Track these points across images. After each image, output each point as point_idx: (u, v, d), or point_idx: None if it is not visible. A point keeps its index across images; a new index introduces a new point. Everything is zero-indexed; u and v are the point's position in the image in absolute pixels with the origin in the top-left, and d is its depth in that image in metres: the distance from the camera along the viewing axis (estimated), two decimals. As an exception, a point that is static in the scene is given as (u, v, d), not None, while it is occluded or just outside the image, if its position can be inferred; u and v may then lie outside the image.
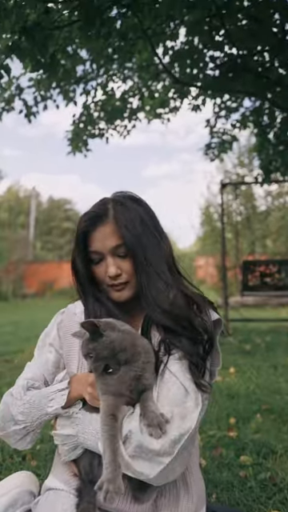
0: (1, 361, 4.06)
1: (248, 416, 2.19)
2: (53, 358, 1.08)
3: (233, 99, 4.76)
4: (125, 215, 0.98)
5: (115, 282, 1.00)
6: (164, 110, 5.06)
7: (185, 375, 0.91)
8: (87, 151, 4.83)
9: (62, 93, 3.89)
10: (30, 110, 3.85)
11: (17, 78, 3.67)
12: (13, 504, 1.09)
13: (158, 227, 1.05)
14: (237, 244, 8.50)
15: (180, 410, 0.87)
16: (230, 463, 1.66)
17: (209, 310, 1.00)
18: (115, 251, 0.99)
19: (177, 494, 0.98)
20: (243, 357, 3.80)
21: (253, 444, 1.82)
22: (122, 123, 4.93)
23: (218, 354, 1.00)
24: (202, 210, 11.65)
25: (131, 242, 0.97)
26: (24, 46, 2.12)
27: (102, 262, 1.00)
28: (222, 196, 6.42)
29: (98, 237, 0.99)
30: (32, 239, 23.25)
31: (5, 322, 7.47)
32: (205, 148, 5.52)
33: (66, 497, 0.98)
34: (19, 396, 1.02)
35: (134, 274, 0.99)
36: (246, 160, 10.92)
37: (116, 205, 1.00)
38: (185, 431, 0.85)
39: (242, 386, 2.78)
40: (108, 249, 0.99)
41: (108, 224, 0.99)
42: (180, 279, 1.04)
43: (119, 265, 0.99)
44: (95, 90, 4.36)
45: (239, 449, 1.78)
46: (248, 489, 1.46)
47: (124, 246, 0.98)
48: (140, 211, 1.02)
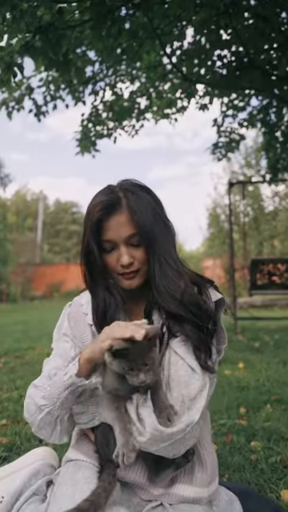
0: (12, 357, 4.12)
1: (258, 406, 2.21)
2: (69, 345, 1.10)
3: (240, 98, 4.81)
4: (137, 204, 0.99)
5: (127, 271, 1.01)
6: (171, 110, 5.12)
7: (191, 357, 0.94)
8: (95, 151, 4.90)
9: (71, 93, 3.97)
10: (40, 110, 3.93)
11: (27, 78, 3.75)
12: (35, 474, 1.13)
13: (165, 214, 1.06)
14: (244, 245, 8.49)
15: (188, 391, 0.90)
16: (241, 448, 1.69)
17: (208, 290, 1.03)
18: (129, 240, 0.99)
19: (191, 467, 1.01)
20: (252, 354, 3.81)
21: (263, 431, 1.85)
22: (129, 123, 5.00)
23: (223, 332, 1.03)
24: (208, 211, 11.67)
25: (145, 231, 0.98)
26: (38, 46, 2.19)
27: (114, 251, 1.01)
28: (230, 195, 6.45)
29: (111, 226, 0.99)
30: (39, 242, 23.43)
31: (15, 322, 7.56)
32: (212, 147, 5.56)
33: (86, 466, 1.01)
34: (42, 384, 1.01)
35: (145, 262, 1.01)
36: (253, 161, 10.93)
37: (127, 193, 1.00)
38: (195, 412, 0.89)
39: (252, 378, 2.80)
40: (122, 238, 0.99)
41: (122, 213, 0.98)
42: (182, 264, 1.06)
43: (132, 253, 1.00)
44: (104, 91, 4.44)
45: (250, 435, 1.81)
46: (259, 470, 1.49)
47: (138, 235, 0.98)
48: (150, 199, 1.02)
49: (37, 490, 1.09)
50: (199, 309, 0.98)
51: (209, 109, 4.91)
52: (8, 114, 3.86)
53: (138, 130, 5.09)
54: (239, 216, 10.20)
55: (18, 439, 1.84)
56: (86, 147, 4.77)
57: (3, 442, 1.81)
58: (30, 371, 3.31)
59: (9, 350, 4.46)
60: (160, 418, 0.87)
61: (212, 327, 0.98)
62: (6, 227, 17.18)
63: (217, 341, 1.01)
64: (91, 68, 4.01)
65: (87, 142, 4.75)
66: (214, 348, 1.00)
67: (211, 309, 1.00)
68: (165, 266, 1.00)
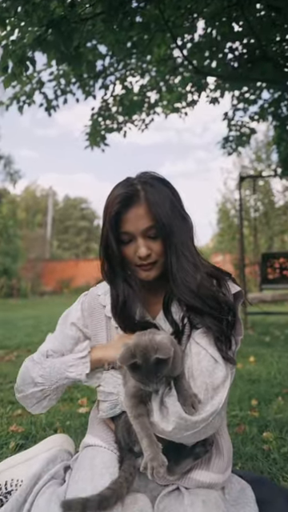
0: (24, 351, 4.17)
1: (270, 398, 2.21)
2: (73, 334, 1.12)
3: (251, 91, 4.76)
4: (155, 197, 0.99)
5: (144, 262, 1.02)
6: (181, 104, 5.10)
7: (213, 348, 0.95)
8: (105, 146, 4.91)
9: (82, 87, 3.98)
10: (50, 104, 3.95)
11: (38, 72, 3.76)
12: (53, 460, 1.16)
13: (183, 207, 1.06)
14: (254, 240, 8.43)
15: (212, 381, 0.91)
16: (253, 438, 1.70)
17: (227, 283, 1.04)
18: (146, 232, 1.00)
19: (209, 455, 1.03)
20: (263, 348, 3.81)
21: (275, 422, 1.86)
22: (139, 117, 5.00)
23: (240, 324, 1.03)
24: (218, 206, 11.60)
25: (162, 223, 0.98)
26: (50, 39, 2.20)
27: (132, 243, 1.02)
28: (240, 190, 6.40)
29: (130, 218, 1.00)
30: (49, 238, 23.58)
31: (26, 317, 7.64)
32: (222, 141, 5.53)
33: (104, 452, 1.03)
34: (40, 361, 1.07)
35: (162, 254, 1.01)
36: (264, 155, 10.83)
37: (145, 186, 1.01)
38: (218, 401, 0.90)
39: (263, 371, 2.80)
40: (140, 230, 1.00)
41: (140, 205, 0.99)
42: (200, 257, 1.07)
43: (149, 245, 1.00)
44: (114, 85, 4.43)
45: (262, 426, 1.82)
46: (271, 460, 1.50)
47: (155, 228, 0.99)
48: (168, 192, 1.02)
49: (55, 474, 1.11)
50: (216, 301, 0.98)
51: (219, 102, 4.88)
52: (19, 108, 3.88)
53: (147, 124, 5.08)
54: (249, 211, 10.13)
55: (33, 428, 1.88)
56: (95, 141, 4.78)
57: (19, 431, 1.85)
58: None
59: (20, 343, 4.52)
60: (185, 405, 0.88)
61: (232, 319, 0.99)
62: (16, 223, 17.32)
63: (235, 332, 1.02)
64: (102, 62, 4.01)
65: (97, 137, 4.75)
66: (233, 339, 1.01)
67: (230, 301, 1.00)
68: (181, 259, 1.00)
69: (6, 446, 1.68)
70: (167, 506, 0.93)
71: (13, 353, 4.01)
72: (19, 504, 1.01)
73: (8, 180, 18.45)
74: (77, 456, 1.13)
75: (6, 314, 8.37)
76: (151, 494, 0.98)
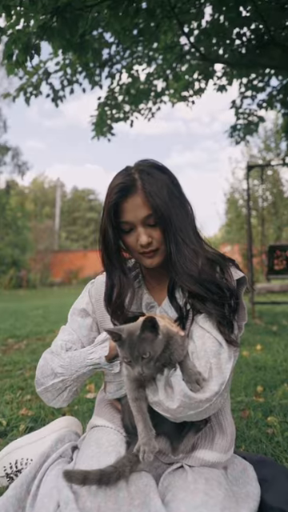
0: (34, 339, 4.24)
1: (275, 385, 2.23)
2: (86, 321, 1.15)
3: (259, 78, 4.69)
4: (152, 185, 1.00)
5: (146, 250, 1.03)
6: (189, 93, 5.05)
7: (216, 331, 0.97)
8: (111, 135, 4.89)
9: (88, 76, 3.96)
10: (57, 94, 3.94)
11: (44, 62, 3.75)
12: (61, 440, 1.19)
13: (182, 194, 1.07)
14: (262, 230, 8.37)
15: (216, 361, 0.93)
16: (257, 422, 1.72)
17: (229, 269, 1.04)
18: (145, 221, 1.02)
19: (213, 435, 1.05)
20: (270, 337, 3.81)
21: (280, 407, 1.88)
22: (146, 106, 4.96)
23: (244, 310, 1.05)
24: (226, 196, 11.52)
25: (160, 212, 0.99)
26: (55, 27, 2.19)
27: (133, 232, 1.04)
28: (248, 179, 6.35)
29: (128, 208, 1.01)
30: (57, 229, 23.69)
31: (35, 307, 7.74)
32: (230, 130, 5.47)
33: (110, 432, 1.06)
34: (59, 352, 1.08)
35: (163, 241, 1.03)
36: (273, 144, 10.69)
37: (142, 174, 1.02)
38: (222, 381, 0.92)
39: (269, 359, 2.81)
40: (139, 219, 1.01)
41: (137, 195, 1.01)
42: (202, 244, 1.08)
43: (150, 233, 1.02)
44: (120, 73, 4.40)
45: (266, 411, 1.84)
46: (275, 443, 1.52)
47: (154, 216, 1.00)
48: (166, 180, 1.03)
49: (63, 453, 1.14)
50: (218, 287, 0.99)
51: (227, 90, 4.81)
52: (26, 99, 3.89)
53: (154, 113, 5.05)
54: (257, 201, 10.04)
55: (42, 412, 1.93)
56: (101, 131, 4.77)
57: (29, 415, 1.90)
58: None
59: (30, 332, 4.59)
60: (190, 382, 0.90)
61: (234, 304, 1.00)
62: (24, 215, 17.43)
63: (238, 317, 1.03)
64: (108, 50, 3.98)
65: (103, 126, 4.74)
66: (236, 324, 1.02)
67: (232, 286, 1.01)
68: (181, 245, 1.01)
69: (16, 428, 1.73)
70: (171, 483, 0.96)
71: (22, 341, 4.07)
72: (29, 480, 1.04)
73: (16, 172, 18.51)
74: (84, 436, 1.16)
75: (15, 305, 8.49)
76: (156, 472, 1.01)
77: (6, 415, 1.88)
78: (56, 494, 0.91)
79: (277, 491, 1.09)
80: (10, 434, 1.67)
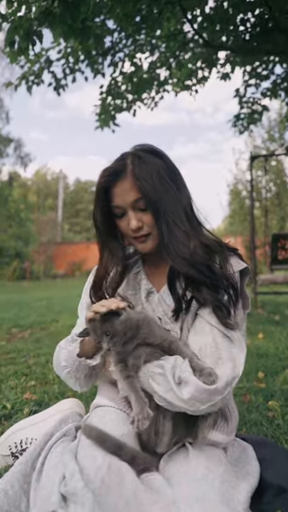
0: (38, 328, 4.28)
1: (276, 371, 2.25)
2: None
3: (263, 66, 4.65)
4: (142, 169, 1.00)
5: (137, 235, 1.04)
6: (192, 82, 5.01)
7: (223, 326, 0.96)
8: (115, 125, 4.88)
9: (90, 65, 3.94)
10: (59, 83, 3.93)
11: (46, 50, 3.73)
12: (65, 420, 1.22)
13: (175, 179, 1.05)
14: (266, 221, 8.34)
15: (228, 355, 0.93)
16: (258, 406, 1.74)
17: (229, 260, 1.02)
18: (135, 205, 1.02)
19: (216, 418, 1.06)
20: (272, 326, 3.83)
21: (281, 392, 1.90)
22: (149, 95, 4.93)
23: (247, 299, 1.04)
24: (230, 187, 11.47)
25: (149, 195, 0.99)
26: (56, 12, 2.18)
27: (125, 216, 1.04)
28: (252, 170, 6.30)
29: (118, 192, 1.02)
30: (60, 221, 23.71)
31: (39, 298, 7.79)
32: (234, 119, 5.44)
33: (113, 412, 1.08)
34: (64, 346, 1.13)
35: (155, 225, 1.03)
36: (277, 134, 10.59)
37: (134, 159, 1.02)
38: (236, 374, 0.92)
39: (271, 347, 2.83)
40: (128, 203, 1.02)
41: (126, 179, 1.01)
42: (200, 229, 1.07)
43: (140, 218, 1.02)
44: (123, 62, 4.37)
45: (267, 395, 1.86)
46: (275, 425, 1.54)
47: (143, 200, 1.00)
48: (158, 164, 1.03)
49: (67, 432, 1.17)
50: (210, 270, 0.99)
51: (231, 78, 4.78)
52: (28, 88, 3.88)
53: (157, 103, 5.02)
54: (261, 192, 9.99)
55: (46, 397, 1.96)
56: (105, 122, 4.75)
57: (33, 399, 1.93)
58: (56, 341, 3.42)
59: (34, 322, 4.63)
60: (202, 376, 0.90)
61: (233, 294, 0.99)
62: (27, 207, 17.45)
63: (242, 306, 1.03)
64: (110, 38, 3.95)
65: (106, 117, 4.72)
66: (240, 310, 1.02)
67: (230, 275, 1.00)
68: (172, 227, 1.01)
69: (21, 411, 1.76)
70: (173, 458, 0.98)
71: (26, 331, 4.11)
72: (34, 457, 1.07)
73: (19, 163, 18.48)
74: (87, 416, 1.19)
75: (19, 296, 8.54)
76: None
77: (10, 399, 1.91)
78: (61, 467, 0.93)
79: (276, 469, 1.11)
80: (14, 417, 1.70)
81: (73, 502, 0.82)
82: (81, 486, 0.83)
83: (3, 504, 0.96)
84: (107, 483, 0.85)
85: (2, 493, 0.98)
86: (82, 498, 0.81)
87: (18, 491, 0.99)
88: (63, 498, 0.84)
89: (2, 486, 0.99)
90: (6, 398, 1.93)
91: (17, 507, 0.97)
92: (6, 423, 1.65)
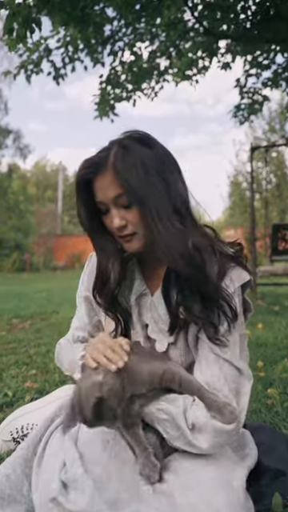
0: (38, 319, 4.30)
1: (275, 360, 2.27)
2: (83, 309, 1.11)
3: (264, 55, 4.60)
4: (125, 161, 0.88)
5: (121, 234, 0.94)
6: (192, 71, 4.96)
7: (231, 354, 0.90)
8: (114, 115, 4.84)
9: (90, 53, 3.89)
10: (59, 72, 3.89)
11: (45, 38, 3.68)
12: (65, 406, 1.23)
13: (163, 171, 0.93)
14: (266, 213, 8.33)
15: (236, 386, 0.89)
16: (257, 394, 1.76)
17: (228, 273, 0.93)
18: (117, 201, 0.91)
19: None
20: (271, 316, 3.85)
21: (280, 380, 1.91)
22: (149, 85, 4.89)
23: (250, 304, 1.00)
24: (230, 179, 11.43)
25: (133, 191, 0.88)
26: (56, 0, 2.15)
27: (109, 213, 0.94)
28: (252, 161, 6.29)
29: (98, 186, 0.92)
30: (60, 213, 23.66)
31: (38, 290, 7.81)
32: (234, 110, 5.40)
33: None
34: (65, 347, 1.10)
35: (140, 224, 0.92)
36: (277, 125, 10.53)
37: (118, 150, 0.90)
38: (246, 405, 0.90)
39: (271, 336, 2.85)
40: (109, 199, 0.92)
41: (107, 173, 0.90)
42: (195, 231, 0.94)
43: (123, 215, 0.92)
44: (122, 51, 4.33)
45: (266, 383, 1.88)
46: (274, 412, 1.56)
47: (125, 196, 0.90)
48: (144, 154, 0.90)
49: (67, 418, 1.18)
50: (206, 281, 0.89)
51: (231, 68, 4.73)
52: (27, 77, 3.84)
53: (157, 93, 4.98)
54: (261, 183, 9.96)
55: (47, 385, 1.98)
56: (104, 111, 4.72)
57: (34, 387, 1.95)
58: (56, 331, 3.44)
59: (34, 313, 4.65)
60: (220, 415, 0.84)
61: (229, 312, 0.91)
62: (26, 199, 17.40)
63: (244, 309, 0.99)
64: (110, 27, 3.90)
65: (106, 106, 4.69)
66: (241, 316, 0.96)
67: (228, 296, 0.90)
68: (162, 226, 0.89)
69: (22, 399, 1.78)
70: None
71: (27, 321, 4.13)
72: (35, 442, 1.08)
73: (18, 155, 18.39)
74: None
75: (19, 288, 8.56)
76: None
77: (11, 387, 1.93)
78: (62, 454, 0.94)
79: (275, 454, 1.13)
80: (15, 405, 1.72)
81: (73, 489, 0.83)
82: (81, 472, 0.84)
83: (5, 488, 0.97)
84: (108, 470, 0.86)
85: (4, 477, 0.99)
86: (82, 485, 0.82)
87: (20, 475, 1.00)
88: (63, 485, 0.84)
89: (4, 470, 1.01)
90: (7, 386, 1.95)
91: (19, 491, 0.98)
92: (7, 410, 1.67)
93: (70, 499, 0.82)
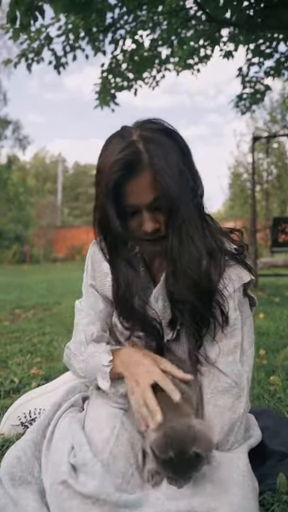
0: (40, 309, 4.32)
1: (277, 348, 2.29)
2: (92, 300, 1.07)
3: (267, 44, 4.55)
4: (161, 159, 0.82)
5: (151, 238, 0.89)
6: (194, 60, 4.91)
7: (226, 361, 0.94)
8: (115, 105, 4.81)
9: (91, 42, 3.85)
10: (59, 61, 3.85)
11: (46, 26, 3.64)
12: (72, 391, 1.24)
13: (189, 166, 0.88)
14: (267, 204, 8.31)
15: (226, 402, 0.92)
16: (260, 381, 1.78)
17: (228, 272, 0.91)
18: (152, 204, 0.86)
19: None
20: (272, 307, 3.87)
21: (282, 368, 1.94)
22: (150, 74, 4.85)
23: (254, 298, 1.00)
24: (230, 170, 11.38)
25: (169, 195, 0.83)
26: (58, -14, 2.12)
27: (137, 215, 0.88)
28: (253, 152, 6.26)
29: (133, 190, 0.85)
30: (60, 205, 23.60)
31: (39, 281, 7.83)
32: (236, 99, 5.36)
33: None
34: (78, 352, 1.04)
35: (167, 226, 0.87)
36: (279, 116, 10.45)
37: (148, 144, 0.83)
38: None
39: (272, 326, 2.87)
40: (145, 203, 0.86)
41: (144, 174, 0.83)
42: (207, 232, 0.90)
43: (157, 218, 0.87)
44: (124, 39, 4.28)
45: (269, 371, 1.90)
46: (277, 398, 1.59)
47: (162, 199, 0.85)
48: (176, 151, 0.85)
49: (74, 402, 1.19)
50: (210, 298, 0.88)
51: (233, 56, 4.68)
52: (27, 66, 3.81)
53: (158, 82, 4.94)
54: (262, 175, 9.92)
55: (52, 372, 2.00)
56: (105, 100, 4.68)
57: (40, 373, 1.97)
58: (59, 321, 3.45)
59: (36, 304, 4.67)
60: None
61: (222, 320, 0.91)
62: (26, 190, 17.34)
63: (249, 303, 1.01)
64: (111, 15, 3.86)
65: (107, 95, 4.65)
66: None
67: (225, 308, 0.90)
68: (187, 240, 0.85)
69: (29, 385, 1.80)
70: None
71: (29, 311, 4.16)
72: (44, 426, 1.10)
73: (17, 146, 18.28)
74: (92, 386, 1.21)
75: (20, 279, 8.58)
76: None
77: (17, 374, 1.95)
78: (70, 437, 0.96)
79: (279, 438, 1.15)
80: (22, 391, 1.74)
81: (82, 472, 0.84)
82: (90, 456, 0.86)
83: (17, 470, 0.99)
84: (115, 454, 0.88)
85: (15, 459, 1.01)
86: (92, 469, 0.84)
87: (31, 458, 1.02)
88: (73, 468, 0.86)
89: (15, 452, 1.02)
90: (13, 373, 1.98)
91: (30, 472, 1.00)
92: (14, 396, 1.69)
93: (79, 481, 0.83)
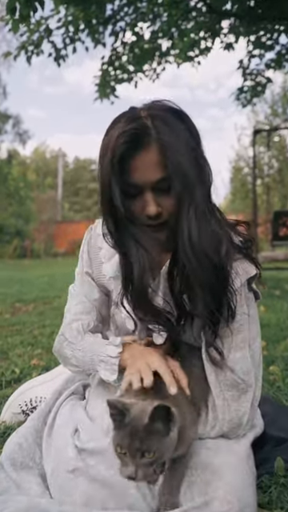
0: (41, 303, 4.34)
1: (278, 339, 2.30)
2: (86, 287, 1.05)
3: (268, 35, 4.52)
4: (170, 137, 0.76)
5: (153, 223, 0.82)
6: (194, 53, 4.89)
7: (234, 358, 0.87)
8: (115, 97, 4.79)
9: (91, 34, 3.83)
10: (59, 53, 3.83)
11: (46, 18, 3.62)
12: (72, 379, 1.25)
13: (203, 152, 0.83)
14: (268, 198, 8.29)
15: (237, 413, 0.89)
16: (260, 371, 1.80)
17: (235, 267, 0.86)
18: (157, 185, 0.79)
19: None
20: (273, 300, 3.88)
21: (282, 358, 1.95)
22: (150, 67, 4.83)
23: (258, 292, 0.98)
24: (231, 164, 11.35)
25: (180, 175, 0.76)
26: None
27: (139, 197, 0.81)
28: (254, 145, 6.24)
29: (137, 166, 0.78)
30: (60, 200, 23.56)
31: (40, 276, 7.84)
32: (237, 92, 5.34)
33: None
34: (75, 340, 1.01)
35: (175, 212, 0.80)
36: (280, 109, 10.40)
37: (156, 121, 0.77)
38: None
39: (273, 318, 2.89)
40: (149, 182, 0.79)
41: (150, 149, 0.77)
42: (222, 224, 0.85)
43: (160, 202, 0.80)
44: (124, 31, 4.26)
45: (269, 361, 1.91)
46: (276, 387, 1.60)
47: (169, 180, 0.77)
48: (185, 132, 0.79)
49: (75, 390, 1.20)
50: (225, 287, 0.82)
51: (234, 48, 4.66)
52: (27, 58, 3.79)
53: (159, 74, 4.92)
54: (263, 169, 9.88)
55: (53, 363, 2.01)
56: (105, 93, 4.67)
57: (41, 364, 1.98)
58: (60, 315, 3.45)
59: (37, 297, 4.69)
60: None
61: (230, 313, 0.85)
62: (26, 185, 17.32)
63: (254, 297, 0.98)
64: (111, 6, 3.83)
65: (107, 88, 4.63)
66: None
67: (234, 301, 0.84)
68: (203, 223, 0.78)
69: (30, 375, 1.82)
70: None
71: (30, 305, 4.17)
72: (45, 413, 1.11)
73: (17, 141, 18.23)
74: (94, 375, 1.22)
75: (20, 274, 8.60)
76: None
77: (18, 365, 1.97)
78: (72, 424, 0.97)
79: (278, 424, 1.16)
80: (23, 380, 1.75)
81: (90, 455, 0.85)
82: (96, 444, 0.86)
83: (18, 456, 1.00)
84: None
85: (16, 445, 1.02)
86: (103, 457, 0.84)
87: (32, 444, 1.03)
88: (79, 452, 0.87)
89: (16, 439, 1.04)
90: (14, 364, 1.99)
91: (31, 458, 1.01)
92: (15, 386, 1.70)
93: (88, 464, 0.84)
